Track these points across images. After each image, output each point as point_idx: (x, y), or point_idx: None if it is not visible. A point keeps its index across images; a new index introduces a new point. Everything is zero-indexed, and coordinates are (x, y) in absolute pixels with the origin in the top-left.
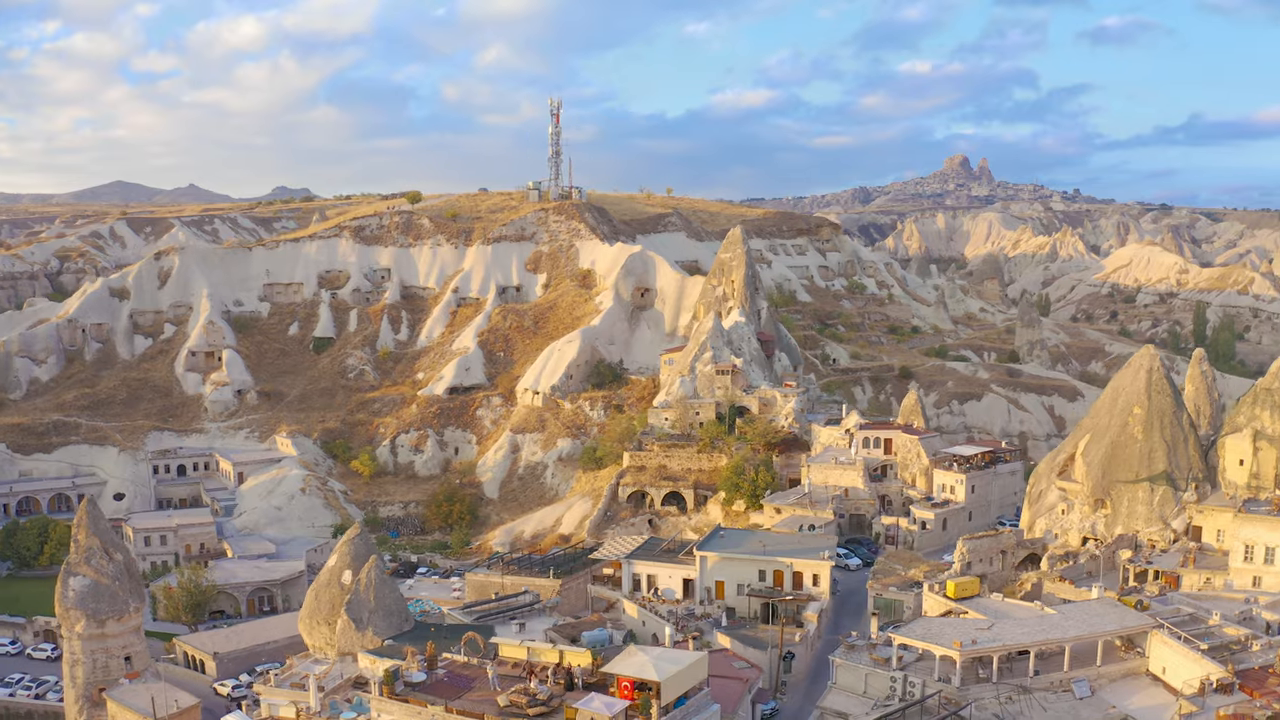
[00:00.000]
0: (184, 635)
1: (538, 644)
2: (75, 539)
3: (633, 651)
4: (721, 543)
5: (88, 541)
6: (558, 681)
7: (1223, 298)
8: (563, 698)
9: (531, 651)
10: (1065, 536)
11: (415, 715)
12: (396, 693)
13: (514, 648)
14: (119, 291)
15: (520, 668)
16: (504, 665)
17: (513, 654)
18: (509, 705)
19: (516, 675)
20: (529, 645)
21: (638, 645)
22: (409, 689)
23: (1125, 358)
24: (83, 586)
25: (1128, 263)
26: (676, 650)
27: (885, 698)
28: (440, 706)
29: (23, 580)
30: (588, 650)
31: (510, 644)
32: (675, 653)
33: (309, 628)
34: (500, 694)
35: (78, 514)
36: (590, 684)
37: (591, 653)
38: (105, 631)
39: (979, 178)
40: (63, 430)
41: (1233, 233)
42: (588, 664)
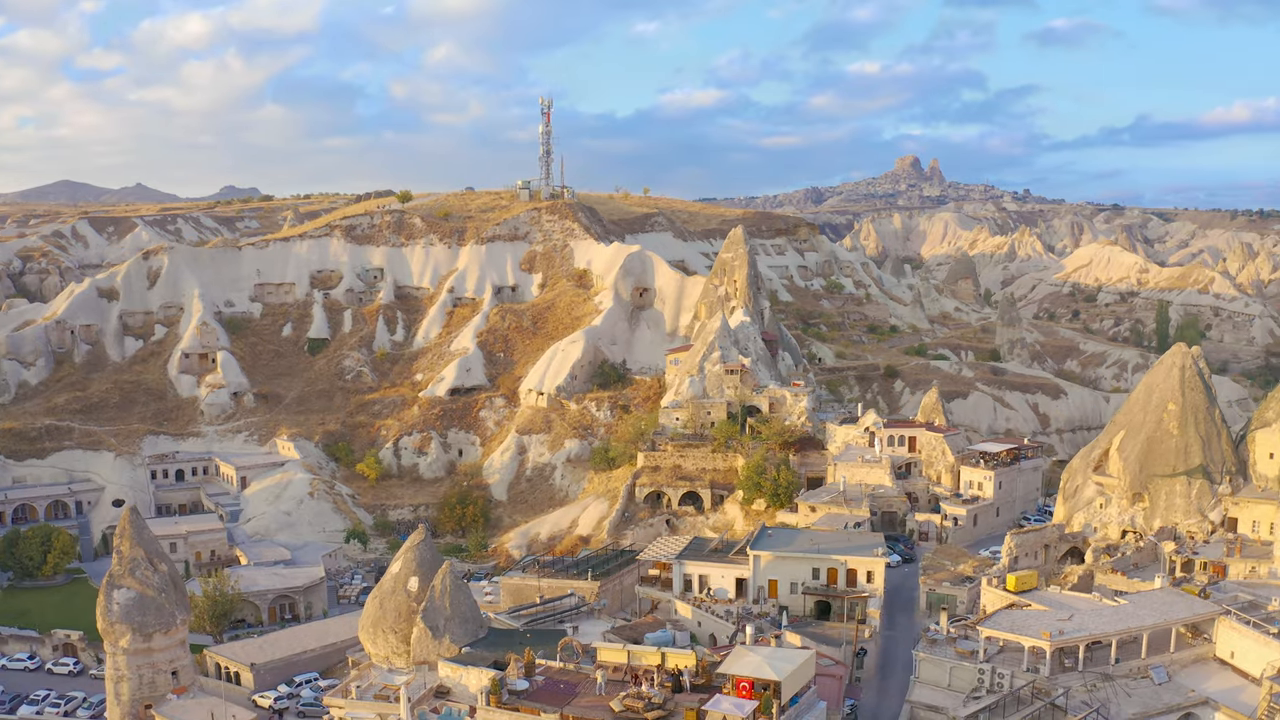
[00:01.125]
0: (213, 646)
1: (639, 647)
2: (118, 550)
3: (743, 652)
4: (771, 541)
5: (131, 552)
6: (663, 684)
7: (1183, 297)
8: (674, 700)
9: (632, 655)
10: (1105, 530)
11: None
12: (504, 702)
13: (614, 651)
14: (107, 292)
15: (621, 671)
16: (604, 669)
17: (613, 658)
18: (624, 710)
19: (619, 679)
20: (630, 648)
21: (746, 645)
22: (514, 697)
23: (1099, 356)
24: (128, 599)
25: (1088, 262)
26: (785, 649)
27: (972, 690)
28: (554, 714)
29: (26, 591)
30: (692, 652)
31: (611, 648)
32: (785, 652)
33: (372, 636)
34: (611, 699)
35: (120, 524)
36: (698, 685)
37: (696, 654)
38: (152, 646)
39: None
40: (55, 435)
41: (1185, 232)
42: (692, 665)
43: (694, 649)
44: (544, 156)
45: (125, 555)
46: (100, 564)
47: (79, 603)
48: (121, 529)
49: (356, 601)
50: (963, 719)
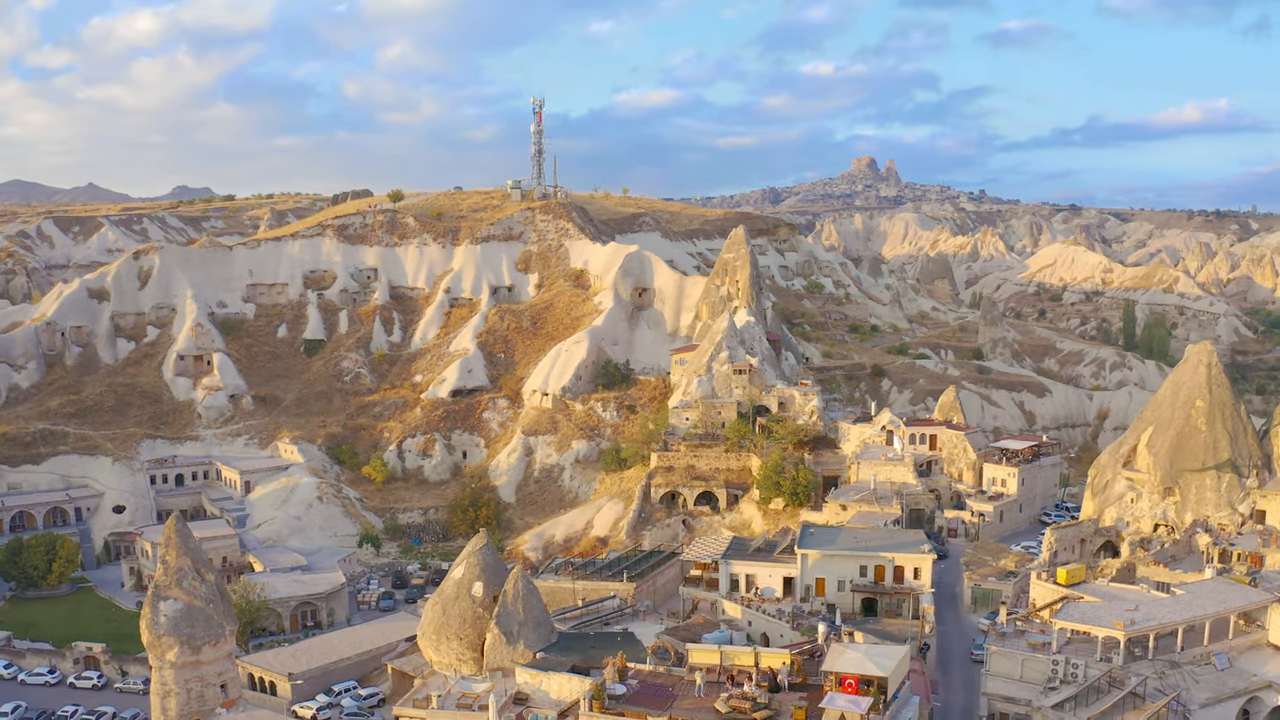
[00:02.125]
0: (243, 656)
1: (733, 648)
2: (163, 560)
3: (842, 649)
4: (815, 540)
5: (178, 562)
6: (760, 684)
7: (1148, 296)
8: (776, 699)
9: (725, 655)
10: (1137, 524)
11: None
12: (606, 707)
13: (707, 653)
14: (98, 292)
15: (715, 672)
16: (700, 671)
17: (705, 659)
18: (730, 711)
19: (715, 680)
20: (724, 649)
21: (842, 642)
22: (614, 702)
23: (1077, 354)
24: (175, 611)
25: (1052, 262)
26: (882, 646)
27: (1046, 681)
28: (662, 717)
29: (30, 601)
30: (786, 651)
31: (704, 649)
32: (883, 648)
33: (435, 643)
34: (712, 700)
35: (165, 532)
36: (795, 684)
37: (790, 654)
38: (200, 658)
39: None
40: (50, 440)
41: (1142, 232)
42: (787, 664)
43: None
44: (535, 156)
45: (171, 565)
46: (103, 572)
47: (87, 612)
48: (167, 538)
49: (378, 607)
50: (1048, 709)
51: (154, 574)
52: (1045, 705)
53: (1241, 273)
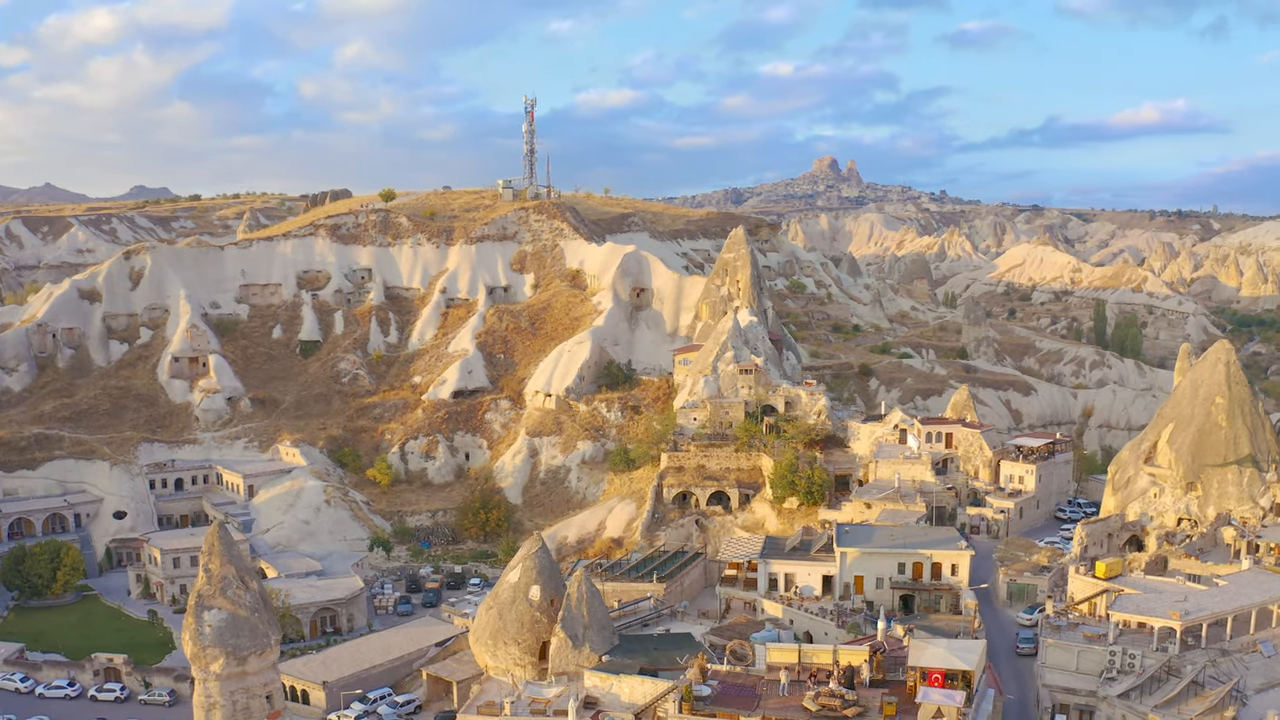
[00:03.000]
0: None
1: (812, 646)
2: (207, 568)
3: (923, 645)
4: (851, 539)
5: (222, 570)
6: (839, 681)
7: (1118, 295)
8: (864, 696)
9: (803, 654)
10: (1161, 518)
11: None
12: (696, 709)
13: (785, 652)
14: (89, 293)
15: (793, 671)
16: (786, 670)
17: (782, 658)
18: (821, 709)
19: (796, 680)
20: (802, 648)
21: (921, 638)
22: (701, 703)
23: (1057, 353)
24: (220, 621)
25: (1021, 262)
26: (960, 641)
27: (1102, 672)
28: (757, 717)
29: (34, 611)
30: (864, 648)
31: (782, 648)
32: (962, 643)
33: (492, 648)
34: (798, 699)
35: (207, 540)
36: (876, 681)
37: (868, 653)
38: (246, 669)
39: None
40: (46, 444)
41: (1104, 233)
42: (865, 661)
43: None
44: (527, 156)
45: (215, 574)
46: (106, 579)
47: (96, 621)
48: (210, 546)
49: (396, 612)
50: (1114, 698)
51: (159, 580)
52: (1111, 695)
53: (1205, 272)
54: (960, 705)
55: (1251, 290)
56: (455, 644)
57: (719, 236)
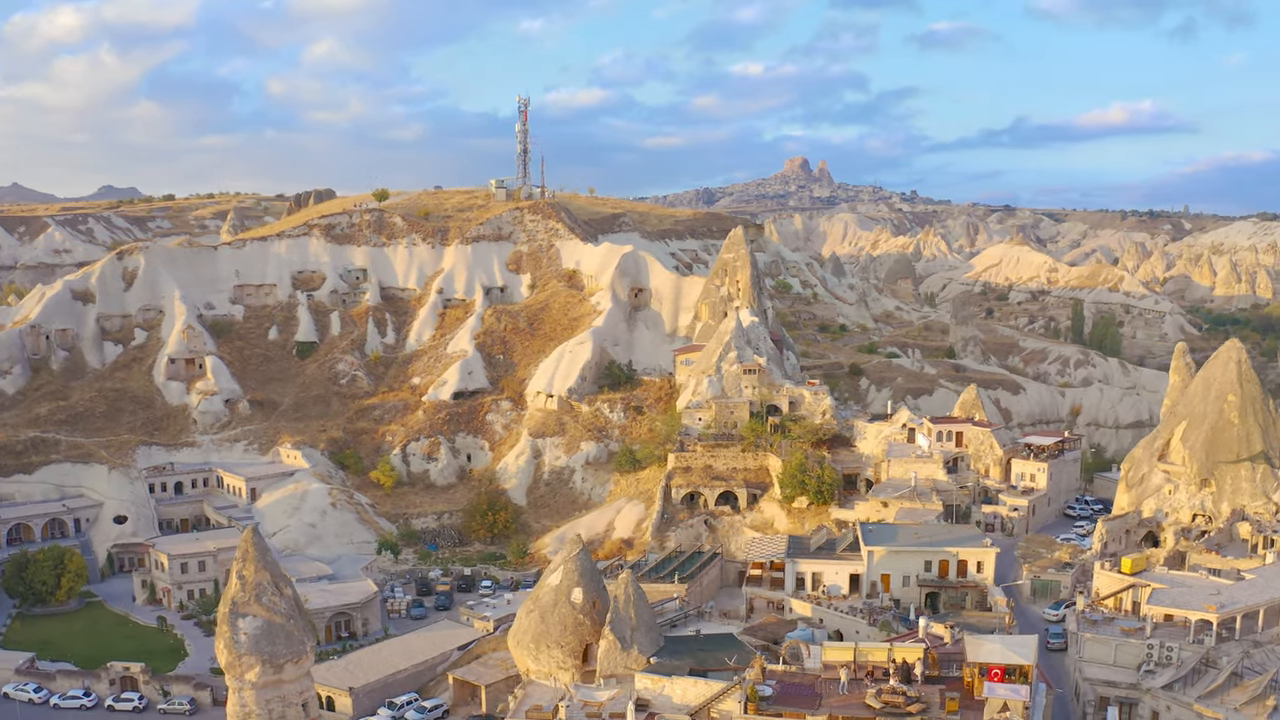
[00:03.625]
0: None
1: (868, 644)
2: (241, 574)
3: (979, 641)
4: (876, 537)
5: (257, 576)
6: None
7: (1094, 295)
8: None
9: (859, 652)
10: (1176, 514)
11: None
12: (762, 710)
13: (840, 650)
14: (82, 294)
15: (849, 669)
16: (831, 669)
17: (838, 656)
18: (884, 706)
19: (854, 678)
20: (859, 646)
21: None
22: (764, 704)
23: (1041, 352)
24: (255, 628)
25: (997, 262)
26: (1014, 637)
27: (1140, 664)
28: (823, 715)
29: (38, 619)
30: (920, 646)
31: (838, 647)
32: (1016, 639)
33: (534, 652)
34: (860, 696)
35: (241, 546)
36: (931, 677)
37: (923, 650)
38: (282, 677)
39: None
40: (42, 448)
41: (1076, 232)
42: (919, 658)
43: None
44: (521, 155)
45: (249, 580)
46: (109, 585)
47: (104, 629)
48: (244, 552)
49: (409, 615)
50: (1158, 689)
51: (166, 586)
52: (1154, 686)
53: (1177, 272)
54: (1026, 699)
55: (1225, 290)
56: (477, 647)
57: (705, 236)
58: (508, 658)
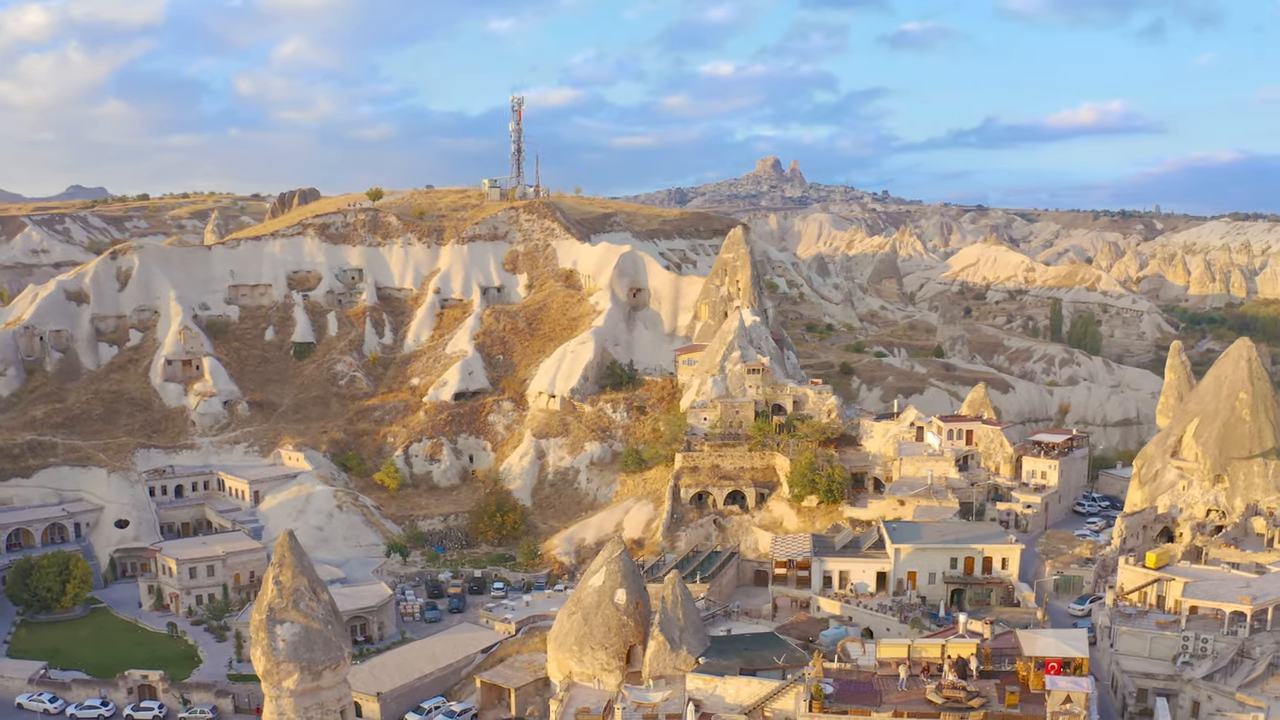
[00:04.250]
0: None
1: (923, 640)
2: (278, 580)
3: (1033, 636)
4: (901, 535)
5: (294, 582)
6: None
7: (1072, 294)
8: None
9: (912, 649)
10: (1190, 509)
11: None
12: (826, 707)
13: (895, 647)
14: (76, 294)
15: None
16: (884, 666)
17: (892, 653)
18: (946, 701)
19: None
20: (913, 642)
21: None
22: (828, 701)
23: (1025, 351)
24: (294, 635)
25: (975, 261)
26: (1066, 631)
27: (1175, 656)
28: (887, 712)
29: (43, 626)
30: (973, 642)
31: (894, 644)
32: (1068, 632)
33: (578, 654)
34: (920, 692)
35: (277, 551)
36: (985, 672)
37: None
38: (321, 684)
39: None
40: (39, 451)
41: (1048, 232)
42: (972, 653)
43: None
44: (515, 155)
45: (287, 586)
46: (112, 591)
47: (112, 636)
48: (281, 557)
49: (424, 618)
50: (1199, 680)
51: (174, 591)
52: (1195, 677)
53: (1150, 271)
54: (1088, 690)
55: (1200, 289)
56: (500, 650)
57: (693, 236)
58: (534, 660)
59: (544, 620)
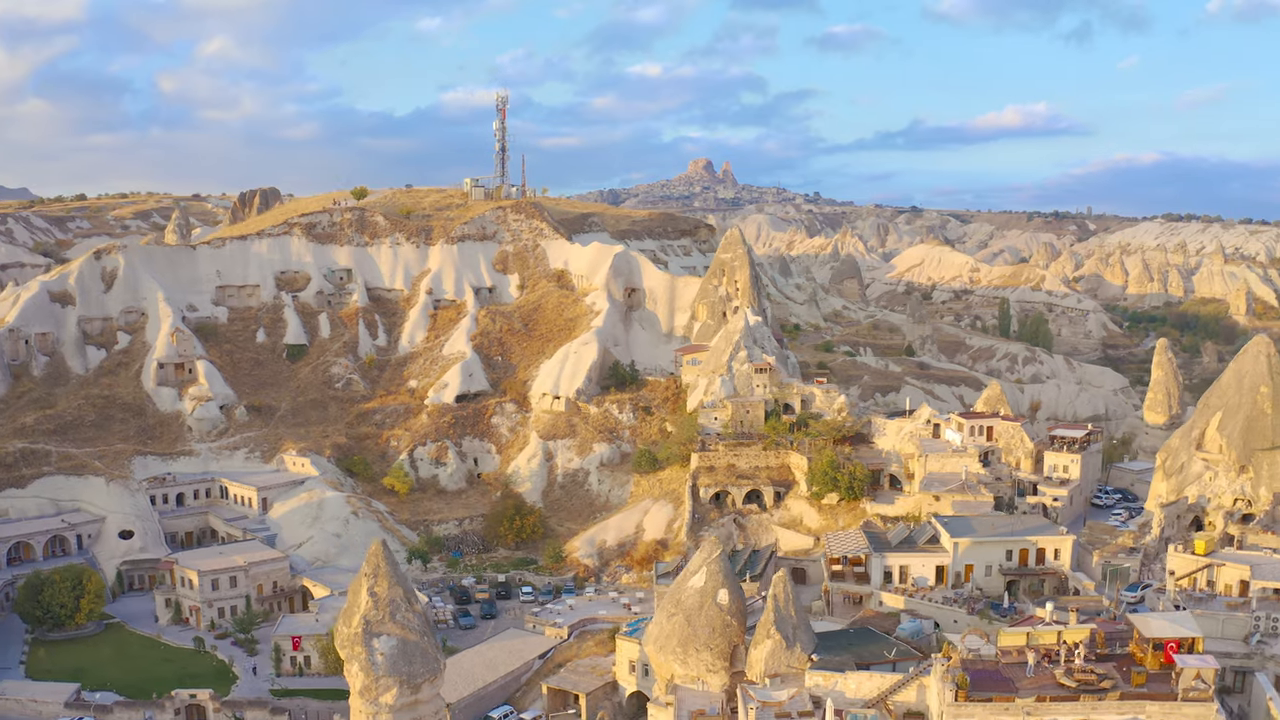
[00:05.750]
0: None
1: (1042, 628)
2: (373, 591)
3: (1146, 619)
4: (957, 529)
5: (390, 593)
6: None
7: (1018, 294)
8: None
9: (1030, 637)
10: (1218, 499)
11: (1004, 712)
12: (970, 696)
13: (1014, 636)
14: (60, 296)
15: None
16: (1007, 654)
17: (1011, 642)
18: (1079, 684)
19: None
20: (1029, 631)
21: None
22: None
23: (988, 350)
24: (392, 648)
25: (920, 262)
26: (1175, 613)
27: (1247, 636)
28: (1030, 697)
29: (58, 645)
30: (1087, 627)
31: (1013, 633)
32: (1177, 614)
33: (682, 656)
34: (1056, 676)
35: (371, 559)
36: (1102, 656)
37: (1090, 631)
38: (419, 697)
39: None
40: (33, 460)
41: (983, 233)
42: (1085, 638)
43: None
44: (499, 154)
45: (382, 597)
46: (122, 605)
47: (134, 653)
48: (375, 567)
49: (459, 625)
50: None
51: (195, 604)
52: (1277, 653)
53: (1088, 271)
54: (1216, 666)
55: (1138, 288)
56: (557, 655)
57: (661, 237)
58: (596, 664)
59: (594, 624)
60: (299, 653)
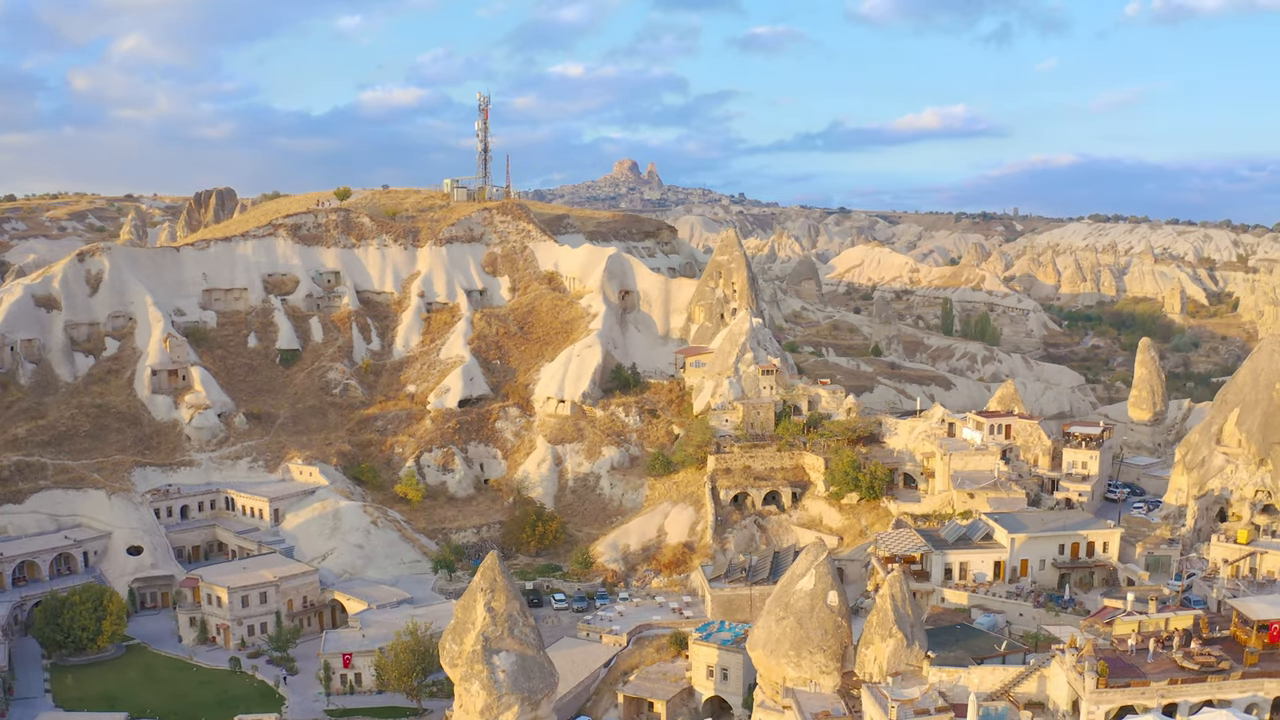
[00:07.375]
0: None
1: (1147, 617)
2: (490, 607)
3: (1247, 602)
4: (1010, 525)
5: (508, 608)
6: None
7: (960, 294)
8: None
9: (1141, 625)
10: (1240, 491)
11: (1140, 695)
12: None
13: (1126, 624)
14: (44, 300)
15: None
16: (1122, 641)
17: (1123, 630)
18: (1200, 666)
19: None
20: (1140, 620)
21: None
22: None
23: (947, 349)
24: (512, 664)
25: (859, 263)
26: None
27: None
28: (1164, 680)
29: (80, 669)
30: (1192, 613)
31: (1124, 621)
32: (1273, 597)
33: (795, 659)
34: (1176, 660)
35: (486, 572)
36: (1210, 639)
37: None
38: (539, 714)
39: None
40: (29, 473)
41: (911, 234)
42: (1188, 625)
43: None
44: (481, 155)
45: (500, 612)
46: (137, 624)
47: (164, 676)
48: (492, 581)
49: None
50: None
51: (222, 622)
52: None
53: (1019, 271)
54: None
55: (1071, 288)
56: (620, 662)
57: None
58: (668, 670)
59: (650, 630)
60: (349, 670)
